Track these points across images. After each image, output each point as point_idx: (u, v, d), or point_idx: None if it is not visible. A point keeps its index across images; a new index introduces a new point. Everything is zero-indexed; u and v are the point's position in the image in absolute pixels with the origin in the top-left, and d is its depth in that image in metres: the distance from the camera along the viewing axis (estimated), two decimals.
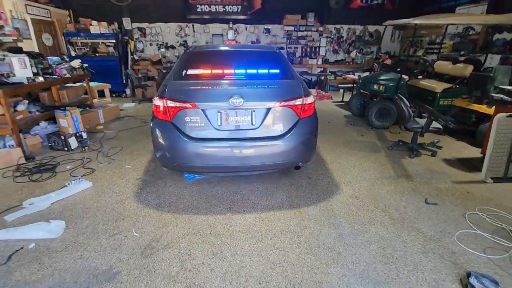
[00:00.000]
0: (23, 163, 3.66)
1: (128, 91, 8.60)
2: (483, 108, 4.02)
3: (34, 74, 4.18)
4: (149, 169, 3.54)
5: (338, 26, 9.63)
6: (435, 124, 3.90)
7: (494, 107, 3.57)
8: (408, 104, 3.92)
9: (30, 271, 1.94)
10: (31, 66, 4.11)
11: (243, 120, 2.54)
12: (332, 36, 9.70)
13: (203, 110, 2.50)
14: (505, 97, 3.36)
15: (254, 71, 2.99)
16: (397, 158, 3.95)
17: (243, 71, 2.98)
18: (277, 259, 2.06)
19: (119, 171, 3.49)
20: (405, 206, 2.77)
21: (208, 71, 2.98)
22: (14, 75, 3.89)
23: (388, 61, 8.11)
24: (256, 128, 2.56)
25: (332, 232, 2.37)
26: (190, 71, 2.96)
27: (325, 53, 9.68)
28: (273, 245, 2.21)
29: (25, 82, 3.93)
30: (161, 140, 2.58)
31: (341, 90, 8.31)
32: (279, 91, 2.61)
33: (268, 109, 2.55)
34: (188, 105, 2.48)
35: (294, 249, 2.17)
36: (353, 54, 9.91)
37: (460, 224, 2.48)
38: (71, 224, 2.44)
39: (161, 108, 2.56)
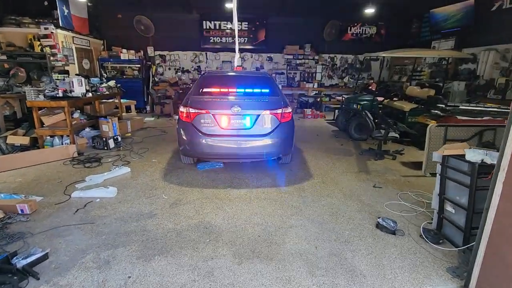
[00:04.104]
0: (76, 157, 4.85)
1: (148, 107, 9.97)
2: (428, 122, 5.06)
3: (86, 90, 5.49)
4: (171, 163, 4.67)
5: (332, 55, 11.03)
6: (397, 134, 4.98)
7: (432, 120, 4.64)
8: (372, 118, 5.02)
9: (100, 211, 3.05)
10: (85, 85, 5.43)
11: (240, 122, 3.70)
12: (327, 64, 11.06)
13: (213, 115, 3.68)
14: (439, 113, 4.43)
15: (250, 89, 4.20)
16: (364, 160, 4.99)
17: (242, 89, 4.19)
18: (258, 211, 3.12)
19: (148, 163, 4.63)
20: (357, 188, 3.80)
21: (218, 89, 4.20)
22: (73, 91, 5.21)
23: (374, 86, 9.30)
24: (249, 128, 3.71)
25: (299, 200, 3.42)
26: (205, 89, 4.18)
27: (321, 78, 11.00)
28: (257, 204, 3.27)
29: (81, 96, 5.24)
30: (184, 135, 3.74)
31: (336, 111, 9.45)
32: (266, 103, 3.78)
33: (258, 115, 3.70)
34: (203, 111, 3.67)
35: (271, 207, 3.23)
36: (346, 79, 11.21)
37: (392, 198, 3.49)
38: (120, 191, 3.55)
39: (185, 114, 3.75)
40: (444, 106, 4.48)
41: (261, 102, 3.82)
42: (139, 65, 9.83)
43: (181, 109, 3.80)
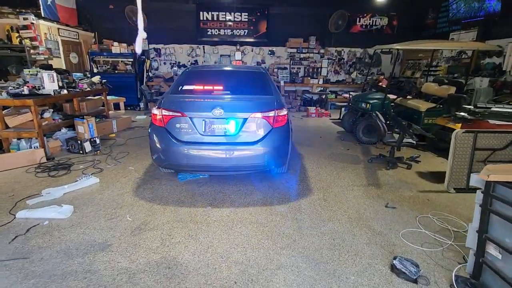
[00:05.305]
0: (44, 162, 4.27)
1: (142, 104, 9.38)
2: (450, 125, 4.31)
3: (60, 87, 4.90)
4: (149, 171, 4.06)
5: (339, 48, 10.22)
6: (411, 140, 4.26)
7: (458, 124, 3.90)
8: (384, 121, 4.30)
9: (43, 240, 2.45)
10: (58, 81, 4.84)
11: (223, 127, 3.04)
12: (333, 58, 10.27)
13: (190, 118, 3.03)
14: (466, 115, 3.70)
15: (239, 87, 3.53)
16: (373, 170, 4.29)
17: (230, 87, 3.53)
18: (240, 242, 2.47)
19: (123, 172, 4.03)
20: (365, 209, 3.12)
21: (201, 87, 3.54)
22: (44, 88, 4.62)
23: (384, 82, 8.51)
24: (234, 135, 3.05)
25: (293, 225, 2.76)
26: (185, 87, 3.53)
27: (327, 74, 10.23)
28: (240, 232, 2.62)
29: (52, 94, 4.65)
30: (156, 142, 3.11)
31: (342, 109, 8.69)
32: (255, 104, 3.11)
33: (245, 119, 3.04)
34: (178, 114, 3.02)
35: (257, 235, 2.58)
36: (353, 75, 10.40)
37: (409, 224, 2.81)
38: (78, 209, 2.95)
39: (157, 116, 3.11)
40: (473, 107, 3.74)
41: (249, 102, 3.15)
42: (132, 59, 9.23)
43: (154, 110, 3.16)
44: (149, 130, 3.21)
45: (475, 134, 3.43)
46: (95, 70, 8.95)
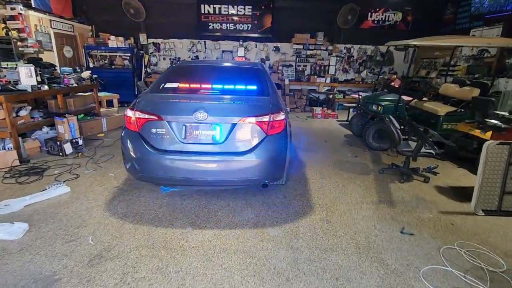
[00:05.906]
0: (17, 166, 3.86)
1: None
2: (475, 133, 3.73)
3: (40, 82, 4.47)
4: (130, 179, 3.59)
5: (348, 45, 9.61)
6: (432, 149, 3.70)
7: (487, 133, 3.33)
8: (398, 127, 3.75)
9: None
10: (36, 75, 4.41)
11: (207, 134, 2.55)
12: (342, 56, 9.66)
13: (168, 122, 2.54)
14: (499, 123, 3.12)
15: (231, 86, 3.03)
16: (385, 183, 3.75)
17: (220, 86, 3.03)
18: (219, 280, 1.98)
19: (101, 179, 3.58)
20: (376, 235, 2.59)
21: (186, 85, 3.05)
22: (20, 83, 4.20)
23: (397, 82, 7.90)
24: (220, 143, 2.55)
25: (288, 256, 2.25)
26: (168, 85, 3.04)
27: (335, 72, 9.63)
28: (221, 265, 2.13)
29: (29, 89, 4.22)
30: (129, 149, 2.63)
31: (351, 110, 8.10)
32: (246, 107, 2.60)
33: (233, 125, 2.53)
34: (154, 117, 2.54)
35: (241, 270, 2.08)
36: (363, 74, 9.78)
37: (431, 259, 2.27)
38: (34, 228, 2.50)
39: (131, 119, 2.64)
40: (507, 113, 3.17)
41: (239, 104, 2.64)
42: (129, 54, 8.82)
43: (128, 112, 2.68)
44: (122, 135, 2.74)
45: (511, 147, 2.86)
46: (91, 65, 8.58)
